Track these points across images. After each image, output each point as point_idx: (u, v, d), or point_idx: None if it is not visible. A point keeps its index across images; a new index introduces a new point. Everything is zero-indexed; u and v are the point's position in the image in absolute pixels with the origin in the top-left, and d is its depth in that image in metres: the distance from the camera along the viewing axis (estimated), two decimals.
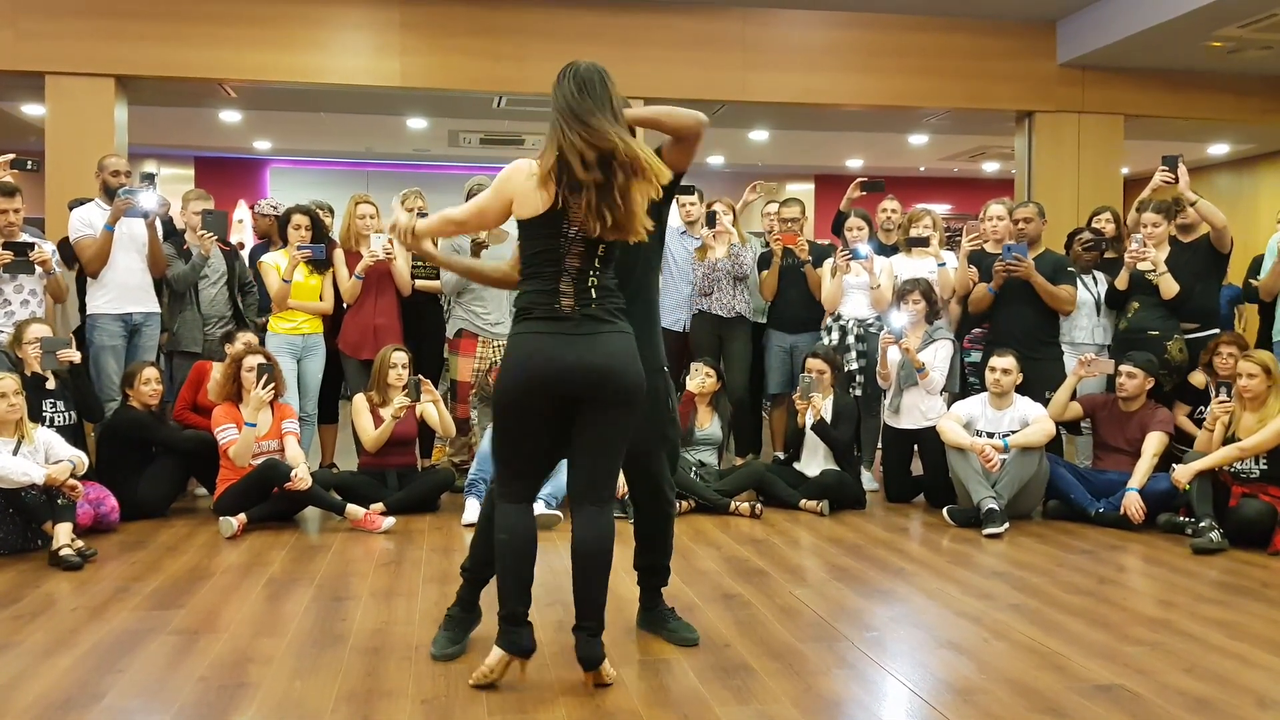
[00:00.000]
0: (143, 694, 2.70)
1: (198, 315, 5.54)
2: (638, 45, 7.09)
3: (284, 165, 12.56)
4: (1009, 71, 7.56)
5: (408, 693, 2.71)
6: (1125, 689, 2.77)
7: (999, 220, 5.61)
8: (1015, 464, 4.84)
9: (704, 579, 3.86)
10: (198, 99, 8.60)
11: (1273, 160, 10.79)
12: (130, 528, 4.64)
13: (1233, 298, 6.56)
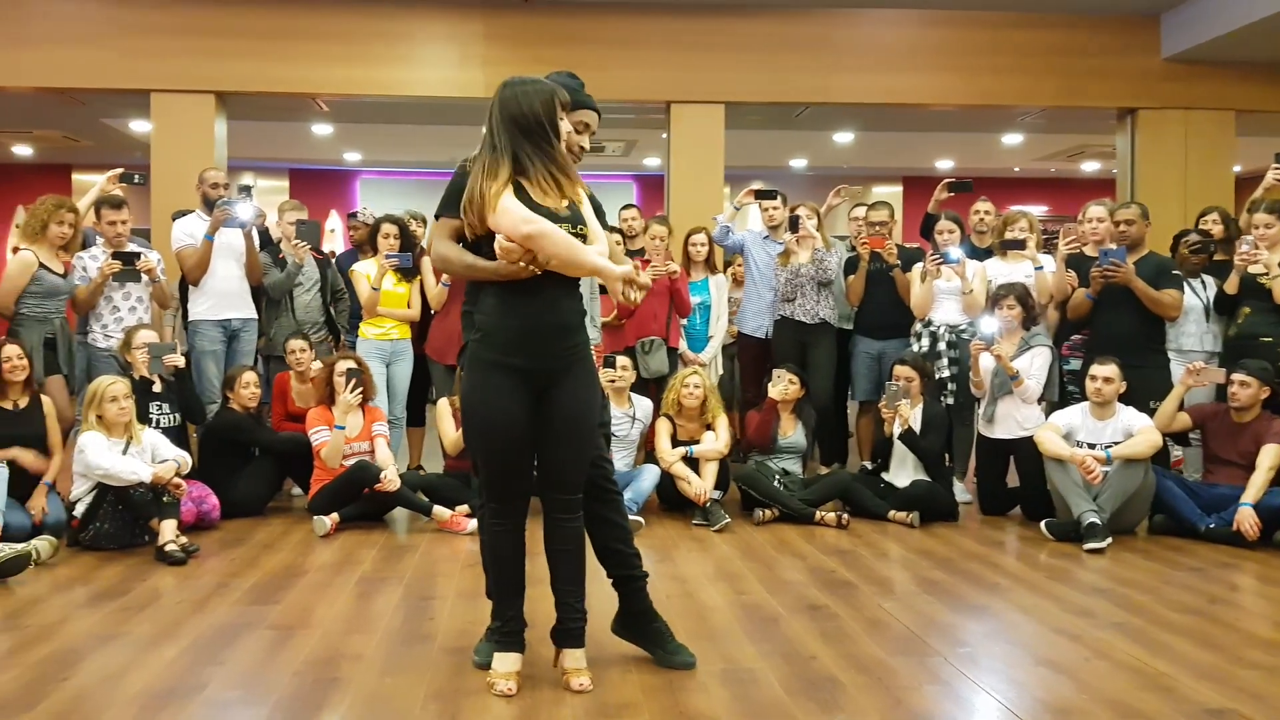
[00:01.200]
0: (241, 686, 2.78)
1: (293, 321, 5.70)
2: (719, 50, 7.07)
3: (373, 176, 12.88)
4: (1109, 67, 7.31)
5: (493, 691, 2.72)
6: (1238, 714, 2.63)
7: (1099, 222, 5.40)
8: (1118, 476, 4.65)
9: (789, 589, 3.80)
10: (292, 113, 8.90)
11: None
12: (230, 525, 4.79)
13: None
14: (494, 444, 2.72)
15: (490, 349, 2.69)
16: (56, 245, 5.11)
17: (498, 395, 2.67)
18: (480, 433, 2.74)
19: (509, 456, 2.72)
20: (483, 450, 2.76)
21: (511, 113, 2.65)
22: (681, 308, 5.82)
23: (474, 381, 2.72)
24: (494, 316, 2.69)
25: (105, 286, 5.13)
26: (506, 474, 2.76)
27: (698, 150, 7.19)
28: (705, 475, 5.00)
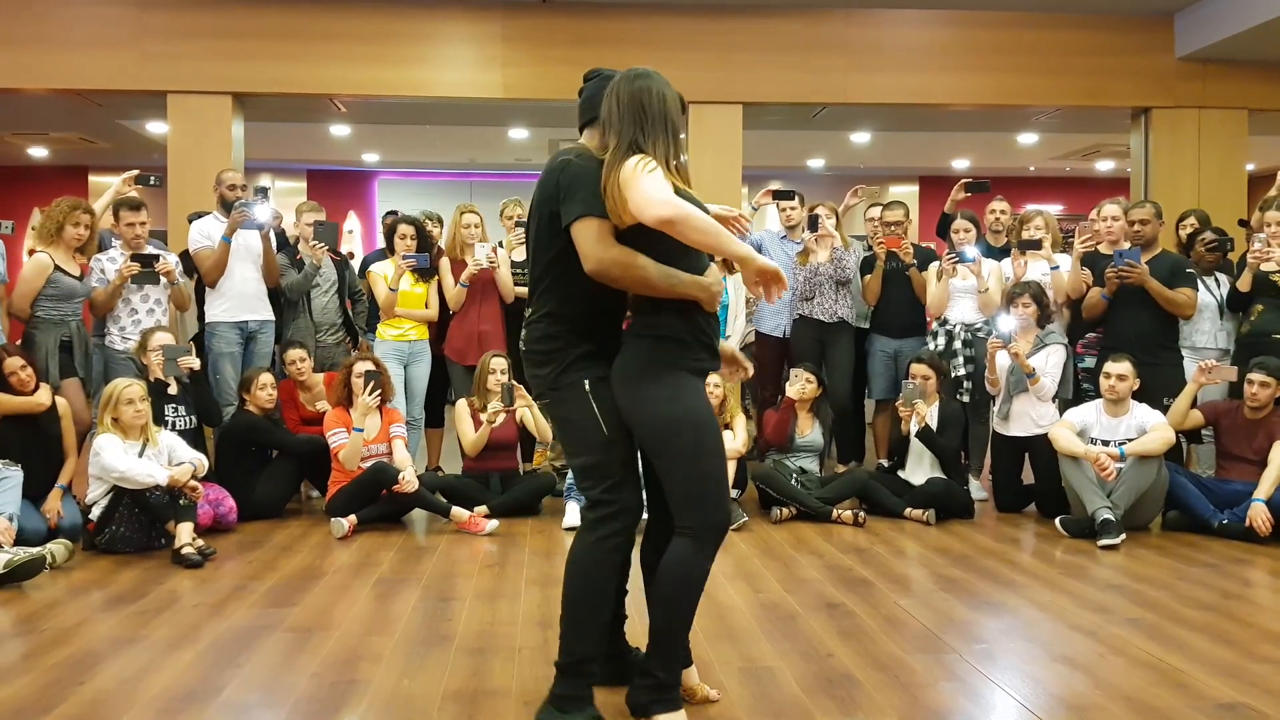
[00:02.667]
0: (260, 689, 2.80)
1: (310, 323, 5.73)
2: (737, 50, 7.08)
3: (391, 177, 12.93)
4: (1124, 67, 7.28)
5: (511, 693, 2.75)
6: (1252, 709, 2.63)
7: (1113, 220, 5.39)
8: (1132, 473, 4.64)
9: (806, 587, 3.82)
10: (309, 114, 8.94)
11: None
12: (247, 528, 4.83)
13: None
14: (714, 442, 2.48)
15: (679, 352, 2.49)
16: (73, 247, 5.13)
17: (698, 397, 2.50)
18: (699, 438, 2.45)
19: (722, 458, 2.53)
20: (702, 453, 2.45)
21: (644, 103, 2.47)
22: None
23: (670, 386, 2.45)
24: (678, 316, 2.49)
25: (123, 289, 5.16)
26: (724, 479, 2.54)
27: (716, 150, 7.19)
28: None
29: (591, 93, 2.62)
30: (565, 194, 2.44)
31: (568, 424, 2.57)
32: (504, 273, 5.68)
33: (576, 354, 2.52)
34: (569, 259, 2.45)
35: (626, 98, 2.49)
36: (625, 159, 2.39)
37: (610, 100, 2.50)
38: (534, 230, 2.56)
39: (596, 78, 2.65)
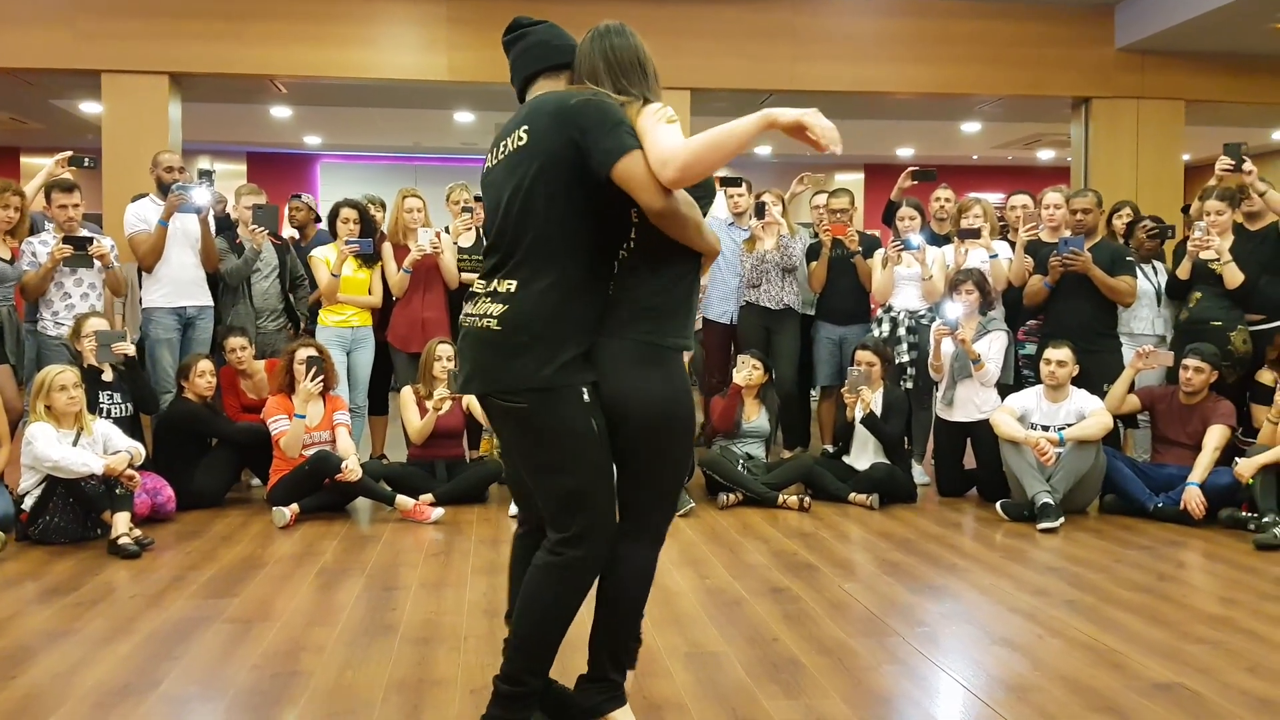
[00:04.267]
0: (198, 681, 2.75)
1: (250, 309, 5.62)
2: (686, 36, 7.06)
3: (334, 160, 12.73)
4: (1065, 57, 7.40)
5: (457, 682, 2.72)
6: (1185, 688, 2.70)
7: (1055, 209, 5.49)
8: (1071, 457, 4.74)
9: (752, 573, 3.84)
10: (249, 95, 8.75)
11: None
12: (186, 517, 4.73)
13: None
14: (691, 439, 2.31)
15: (677, 334, 2.22)
16: (2, 230, 4.98)
17: (686, 381, 2.28)
18: (688, 431, 2.26)
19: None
20: (685, 450, 2.28)
21: (643, 61, 2.28)
22: None
23: (676, 374, 2.22)
24: (678, 295, 2.23)
25: (56, 272, 5.01)
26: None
27: None
28: None
29: (544, 38, 2.40)
30: (596, 130, 2.07)
31: (556, 436, 2.13)
32: (448, 258, 5.61)
33: (575, 352, 2.14)
34: (587, 215, 2.12)
35: (622, 51, 2.27)
36: (641, 108, 2.13)
37: (600, 57, 2.27)
38: (529, 183, 2.13)
39: (528, 26, 2.45)
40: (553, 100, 2.20)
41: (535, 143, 2.16)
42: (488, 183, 2.30)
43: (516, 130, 2.21)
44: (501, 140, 2.27)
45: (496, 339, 2.14)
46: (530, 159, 2.15)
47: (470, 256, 5.80)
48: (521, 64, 2.39)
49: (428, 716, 2.51)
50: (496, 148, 2.29)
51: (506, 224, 2.19)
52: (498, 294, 2.17)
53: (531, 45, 2.39)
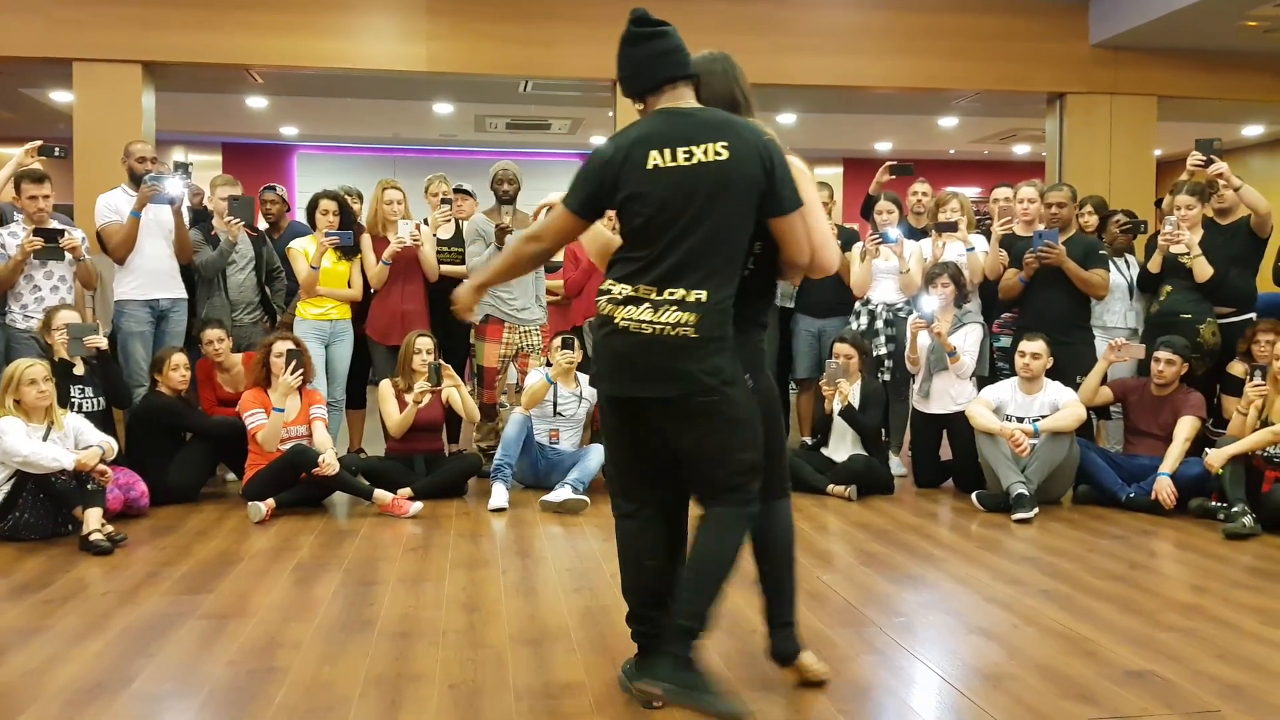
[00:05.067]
0: (172, 678, 2.72)
1: (225, 301, 5.57)
2: None
3: (311, 151, 12.63)
4: (1041, 53, 7.44)
5: (435, 677, 2.72)
6: (1157, 675, 2.74)
7: (1029, 202, 5.53)
8: (1045, 449, 4.79)
9: None
10: (225, 85, 8.66)
11: None
12: (160, 513, 4.69)
13: None
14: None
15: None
16: None
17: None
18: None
19: None
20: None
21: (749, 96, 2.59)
22: None
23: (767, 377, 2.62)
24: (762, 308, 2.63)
25: (25, 265, 4.94)
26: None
27: None
28: None
29: (681, 45, 2.44)
30: (782, 175, 2.35)
31: (738, 425, 2.38)
32: (428, 251, 5.58)
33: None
34: (749, 239, 2.38)
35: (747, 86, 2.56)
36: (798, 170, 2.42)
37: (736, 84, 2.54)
38: (726, 200, 2.30)
39: (658, 24, 2.47)
40: (743, 125, 2.37)
41: (736, 164, 2.31)
42: (663, 181, 2.32)
43: (710, 143, 2.31)
44: (680, 145, 2.32)
45: (692, 345, 2.30)
46: (730, 176, 2.30)
47: (450, 248, 5.78)
48: (662, 66, 2.42)
49: (406, 712, 2.50)
50: (669, 149, 2.32)
51: (692, 233, 2.30)
52: (687, 303, 2.30)
53: (672, 50, 2.43)
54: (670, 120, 2.37)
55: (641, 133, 2.37)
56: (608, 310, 2.37)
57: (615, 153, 2.36)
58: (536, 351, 5.56)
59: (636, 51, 2.43)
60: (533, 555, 4.00)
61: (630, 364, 2.35)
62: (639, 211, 2.33)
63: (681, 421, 2.38)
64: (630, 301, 2.33)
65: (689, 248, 2.30)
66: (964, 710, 2.52)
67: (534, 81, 7.94)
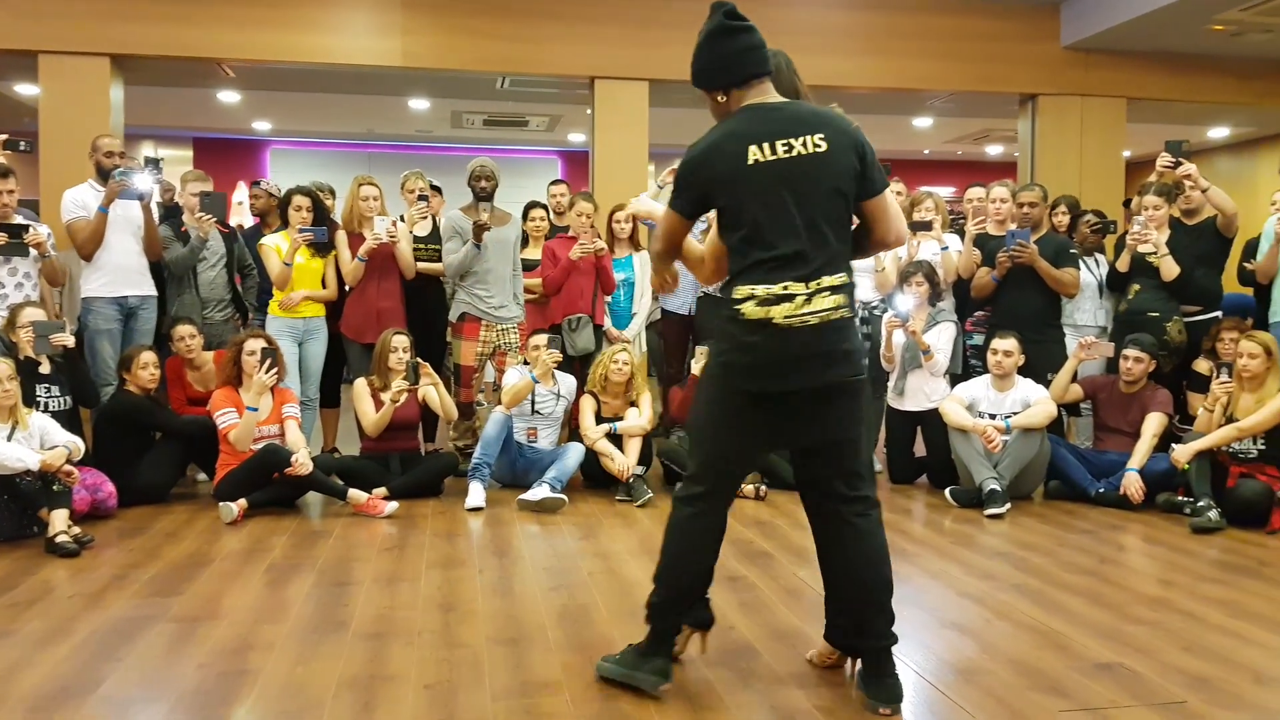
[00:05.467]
0: (141, 682, 2.69)
1: (196, 299, 5.51)
2: (643, 26, 7.04)
3: (284, 146, 12.52)
4: (1013, 54, 7.52)
5: (410, 678, 2.70)
6: (1126, 667, 2.77)
7: (1002, 202, 5.57)
8: (1017, 445, 4.84)
9: None
10: (196, 79, 8.56)
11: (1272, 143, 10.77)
12: (129, 514, 4.63)
13: None
14: None
15: None
16: None
17: None
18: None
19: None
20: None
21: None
22: (607, 285, 5.81)
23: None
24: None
25: None
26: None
27: (622, 127, 7.16)
28: (629, 451, 5.04)
29: (761, 42, 2.48)
30: (872, 160, 2.45)
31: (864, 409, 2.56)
32: (404, 247, 5.54)
33: None
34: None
35: (803, 84, 2.59)
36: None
37: (799, 82, 2.57)
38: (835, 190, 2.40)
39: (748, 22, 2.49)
40: (835, 117, 2.45)
41: (836, 156, 2.39)
42: (766, 174, 2.37)
43: (808, 135, 2.38)
44: (779, 139, 2.38)
45: (848, 326, 2.44)
46: (835, 167, 2.39)
47: (427, 245, 5.74)
48: (751, 61, 2.47)
49: (380, 713, 2.49)
50: (768, 143, 2.38)
51: (811, 222, 2.38)
52: (835, 287, 2.39)
53: (758, 45, 2.48)
54: (764, 115, 2.42)
55: (736, 129, 2.42)
56: (761, 313, 2.37)
57: (713, 150, 2.41)
58: (514, 350, 5.54)
59: (729, 44, 2.46)
60: (510, 554, 3.99)
61: (796, 357, 2.38)
62: (749, 208, 2.38)
63: (833, 405, 2.46)
64: (783, 299, 2.36)
65: (813, 237, 2.38)
66: (938, 704, 2.54)
67: (511, 78, 7.91)
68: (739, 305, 2.39)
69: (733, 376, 2.44)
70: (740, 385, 2.42)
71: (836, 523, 2.55)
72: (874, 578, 2.53)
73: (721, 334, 2.48)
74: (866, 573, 2.53)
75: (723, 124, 2.46)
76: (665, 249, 2.61)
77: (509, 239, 5.59)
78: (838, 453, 2.52)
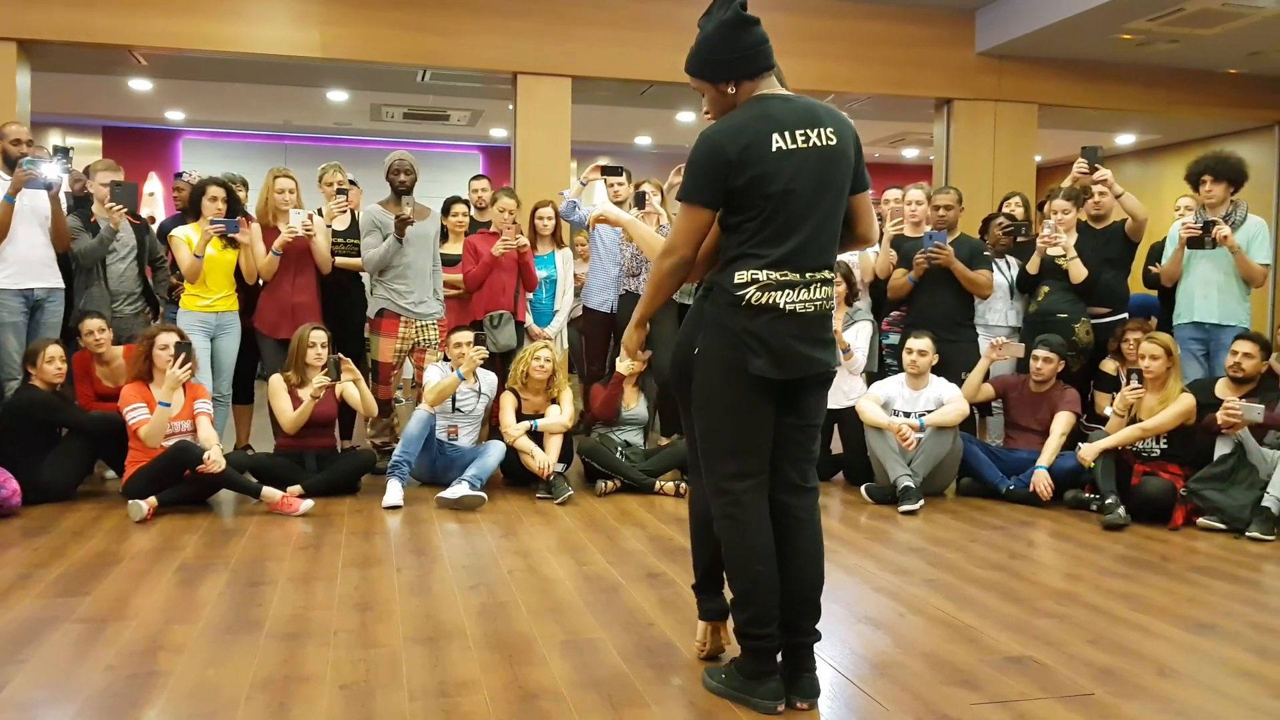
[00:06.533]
0: (46, 684, 2.60)
1: (106, 291, 5.33)
2: (568, 23, 7.03)
3: (197, 137, 12.18)
4: (929, 59, 7.69)
5: (326, 679, 2.66)
6: (1034, 660, 2.86)
7: (918, 205, 5.71)
8: (930, 443, 4.96)
9: (629, 558, 3.88)
10: (106, 66, 8.28)
11: (1176, 151, 11.19)
12: (33, 512, 4.47)
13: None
14: None
15: None
16: None
17: None
18: None
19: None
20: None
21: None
22: (529, 281, 5.79)
23: None
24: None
25: None
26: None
27: (545, 124, 7.13)
28: (549, 449, 5.03)
29: (767, 36, 2.48)
30: (861, 156, 2.52)
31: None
32: (321, 242, 5.44)
33: None
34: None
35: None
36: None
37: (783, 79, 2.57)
38: (841, 183, 2.46)
39: (756, 16, 2.47)
40: (838, 113, 2.51)
41: (843, 149, 2.45)
42: (790, 163, 2.38)
43: (821, 128, 2.42)
44: (798, 129, 2.40)
45: (831, 316, 2.52)
46: (842, 161, 2.45)
47: (346, 240, 5.65)
48: (765, 54, 2.48)
49: (295, 715, 2.45)
50: (789, 134, 2.39)
51: (819, 213, 2.43)
52: (828, 279, 2.48)
53: (767, 39, 2.48)
54: (782, 106, 2.44)
55: (759, 113, 2.41)
56: (766, 298, 2.39)
57: (739, 133, 2.38)
58: (434, 346, 5.49)
59: (745, 37, 2.44)
60: (428, 553, 3.95)
61: (798, 343, 2.43)
62: (767, 194, 2.37)
63: (813, 392, 2.54)
64: (786, 286, 2.40)
65: (817, 228, 2.43)
66: (853, 698, 2.60)
67: (432, 71, 7.82)
68: (741, 291, 2.40)
69: (738, 360, 2.41)
70: (746, 367, 2.40)
71: (783, 516, 2.55)
72: (811, 573, 2.54)
73: (716, 321, 2.44)
74: (805, 568, 2.53)
75: (742, 109, 2.43)
76: (689, 254, 2.45)
77: (429, 234, 5.53)
78: (802, 439, 2.55)
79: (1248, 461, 4.51)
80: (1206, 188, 5.30)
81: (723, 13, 2.44)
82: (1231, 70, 8.26)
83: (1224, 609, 3.37)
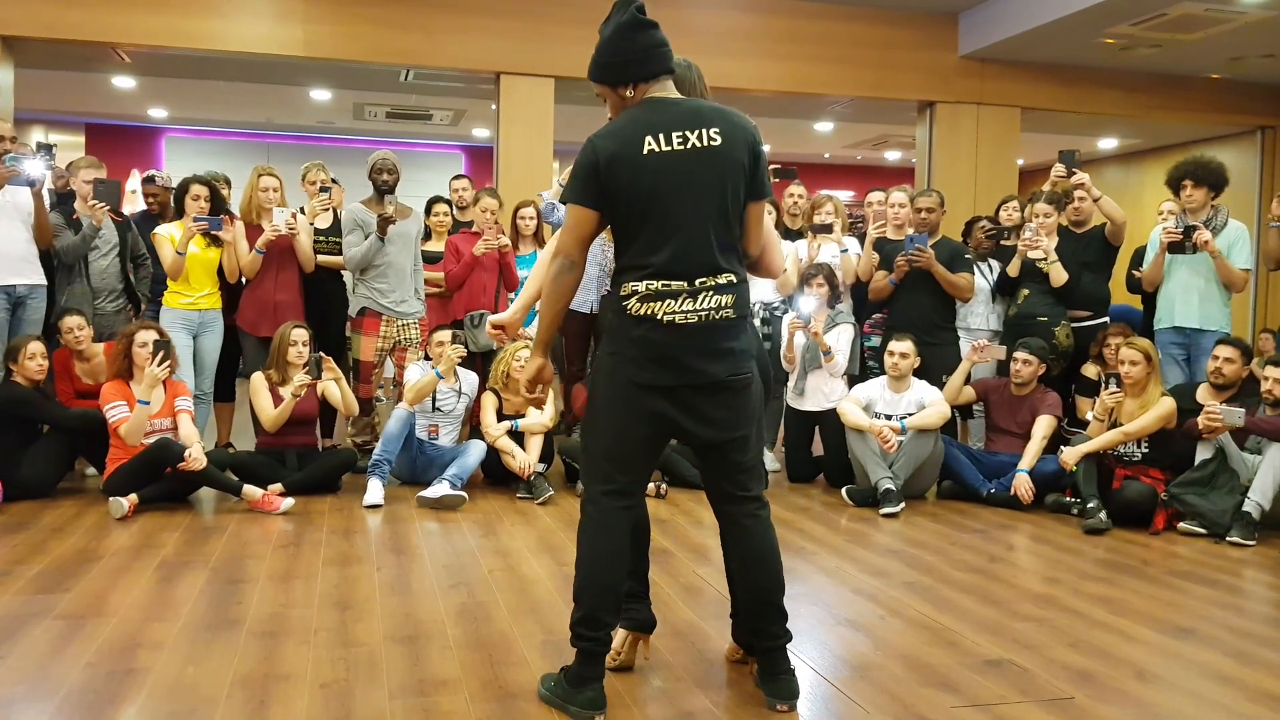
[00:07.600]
0: (25, 681, 2.59)
1: (88, 288, 5.30)
2: (550, 22, 7.03)
3: (180, 135, 12.12)
4: (912, 62, 7.72)
5: (305, 677, 2.66)
6: (1013, 663, 2.87)
7: (900, 207, 5.73)
8: (911, 445, 4.98)
9: None
10: (89, 63, 8.23)
11: (1157, 155, 11.29)
12: (13, 509, 4.44)
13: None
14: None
15: None
16: None
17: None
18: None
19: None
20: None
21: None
22: (510, 281, 5.79)
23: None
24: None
25: None
26: None
27: (527, 123, 7.13)
28: (530, 449, 5.03)
29: (665, 40, 2.44)
30: (764, 163, 2.45)
31: (757, 400, 2.55)
32: (304, 240, 5.43)
33: None
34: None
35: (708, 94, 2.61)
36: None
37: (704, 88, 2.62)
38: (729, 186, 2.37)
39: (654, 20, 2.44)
40: (730, 112, 2.43)
41: (729, 150, 2.37)
42: (660, 165, 2.34)
43: (704, 129, 2.36)
44: (675, 130, 2.35)
45: (735, 326, 2.41)
46: (726, 163, 2.37)
47: (328, 238, 5.64)
48: (660, 57, 2.44)
49: (274, 713, 2.44)
50: (664, 135, 2.35)
51: (700, 216, 2.36)
52: (721, 286, 2.38)
53: (665, 43, 2.45)
54: (662, 108, 2.40)
55: (635, 118, 2.39)
56: (644, 309, 2.35)
57: (609, 139, 2.37)
58: (415, 345, 5.48)
59: (640, 39, 2.42)
60: (408, 552, 3.95)
61: (678, 353, 2.37)
62: (634, 196, 2.34)
63: (718, 402, 2.44)
64: (666, 295, 2.35)
65: (695, 232, 2.35)
66: (833, 700, 2.61)
67: (415, 71, 7.81)
68: (625, 301, 2.40)
69: (621, 368, 2.41)
70: (628, 377, 2.40)
71: (727, 523, 2.58)
72: (763, 578, 2.53)
73: (610, 329, 2.47)
74: (756, 572, 2.54)
75: (627, 112, 2.43)
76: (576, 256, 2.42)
77: (410, 233, 5.53)
78: (725, 451, 2.50)
79: (1229, 466, 4.55)
80: (1187, 193, 5.35)
81: (620, 15, 2.43)
82: (1213, 75, 8.34)
83: (1203, 613, 3.40)
